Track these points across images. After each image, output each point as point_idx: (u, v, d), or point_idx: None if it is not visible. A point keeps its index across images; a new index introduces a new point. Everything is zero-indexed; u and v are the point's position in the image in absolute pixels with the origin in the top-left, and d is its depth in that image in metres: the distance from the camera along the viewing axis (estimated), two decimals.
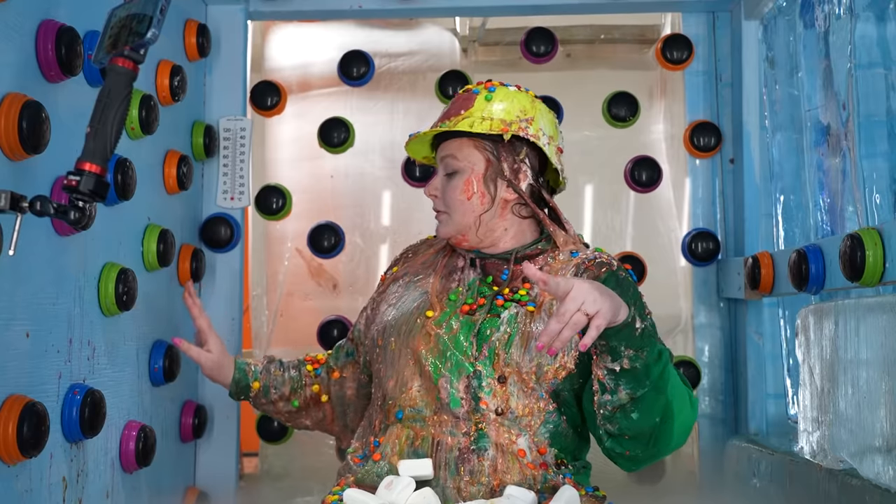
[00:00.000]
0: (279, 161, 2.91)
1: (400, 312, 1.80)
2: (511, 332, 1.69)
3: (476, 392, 1.67)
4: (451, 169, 1.79)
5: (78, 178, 1.34)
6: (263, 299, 2.85)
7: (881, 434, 1.68)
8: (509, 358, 1.68)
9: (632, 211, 2.87)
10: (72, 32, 1.59)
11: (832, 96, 2.21)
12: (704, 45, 2.69)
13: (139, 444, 1.94)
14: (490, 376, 1.68)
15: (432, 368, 1.70)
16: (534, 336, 1.67)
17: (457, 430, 1.67)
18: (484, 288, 1.77)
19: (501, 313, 1.71)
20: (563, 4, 2.62)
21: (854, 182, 2.09)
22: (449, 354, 1.70)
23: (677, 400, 1.62)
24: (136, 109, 1.92)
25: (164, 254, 2.11)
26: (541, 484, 1.65)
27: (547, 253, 1.79)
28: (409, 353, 1.73)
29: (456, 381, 1.68)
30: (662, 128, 2.88)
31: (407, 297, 1.83)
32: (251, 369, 1.98)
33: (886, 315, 1.68)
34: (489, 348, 1.69)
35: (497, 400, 1.67)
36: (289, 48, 2.93)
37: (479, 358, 1.69)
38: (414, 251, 1.96)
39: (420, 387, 1.71)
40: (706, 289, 2.67)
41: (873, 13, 2.05)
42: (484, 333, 1.70)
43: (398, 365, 1.75)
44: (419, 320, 1.75)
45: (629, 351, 1.54)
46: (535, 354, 1.67)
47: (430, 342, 1.72)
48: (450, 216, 1.79)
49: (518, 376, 1.68)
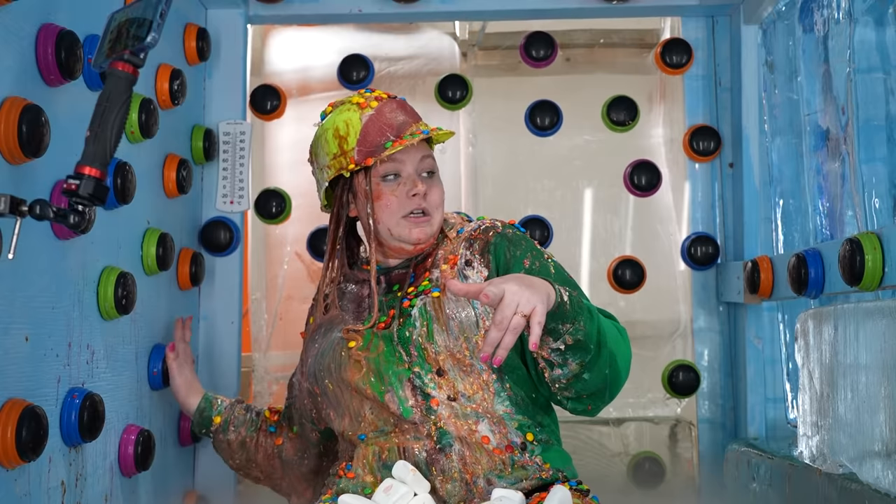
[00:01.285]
0: (279, 165, 2.92)
1: (324, 356, 1.80)
2: (427, 322, 1.71)
3: (423, 390, 1.69)
4: (431, 168, 1.80)
5: (77, 181, 1.34)
6: (263, 303, 2.85)
7: (880, 438, 1.68)
8: (437, 347, 1.70)
9: (631, 215, 2.88)
10: (72, 36, 1.59)
11: (831, 101, 2.21)
12: (704, 49, 2.70)
13: (138, 448, 1.93)
14: (429, 372, 1.70)
15: (373, 389, 1.71)
16: (450, 317, 1.70)
17: (419, 433, 1.69)
18: (391, 300, 1.78)
19: (411, 312, 1.73)
20: (562, 9, 2.62)
21: (853, 186, 2.09)
22: (384, 370, 1.71)
23: (614, 342, 1.65)
24: (136, 113, 1.93)
25: (164, 257, 2.11)
26: (510, 466, 1.68)
27: (440, 243, 1.82)
28: (346, 385, 1.75)
29: (400, 389, 1.70)
30: (662, 132, 2.89)
31: (326, 342, 1.82)
32: (217, 403, 2.03)
33: (886, 319, 1.68)
34: (416, 347, 1.70)
35: (444, 390, 1.69)
36: (288, 52, 2.93)
37: (412, 361, 1.70)
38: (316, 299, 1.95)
39: (371, 410, 1.73)
40: (705, 293, 2.67)
41: (872, 18, 2.05)
42: (404, 337, 1.71)
43: (343, 401, 1.77)
44: (343, 353, 1.75)
45: (566, 326, 1.56)
46: (457, 332, 1.70)
47: (361, 368, 1.73)
48: (434, 217, 1.79)
49: (453, 359, 1.70)
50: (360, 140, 1.75)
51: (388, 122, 1.77)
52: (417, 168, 1.78)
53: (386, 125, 1.76)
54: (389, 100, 1.81)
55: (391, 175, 1.77)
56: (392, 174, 1.77)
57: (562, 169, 2.90)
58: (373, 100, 1.80)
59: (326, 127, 1.81)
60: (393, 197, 1.76)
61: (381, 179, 1.77)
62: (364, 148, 1.75)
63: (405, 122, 1.78)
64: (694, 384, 2.61)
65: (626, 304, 2.78)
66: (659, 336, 2.87)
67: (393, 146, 1.74)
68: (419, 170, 1.78)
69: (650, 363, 2.78)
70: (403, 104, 1.82)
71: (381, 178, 1.77)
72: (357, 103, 1.79)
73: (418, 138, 1.76)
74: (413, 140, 1.75)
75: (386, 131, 1.76)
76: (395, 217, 1.76)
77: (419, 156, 1.79)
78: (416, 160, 1.78)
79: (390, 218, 1.77)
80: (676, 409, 2.87)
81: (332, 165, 1.79)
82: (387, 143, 1.75)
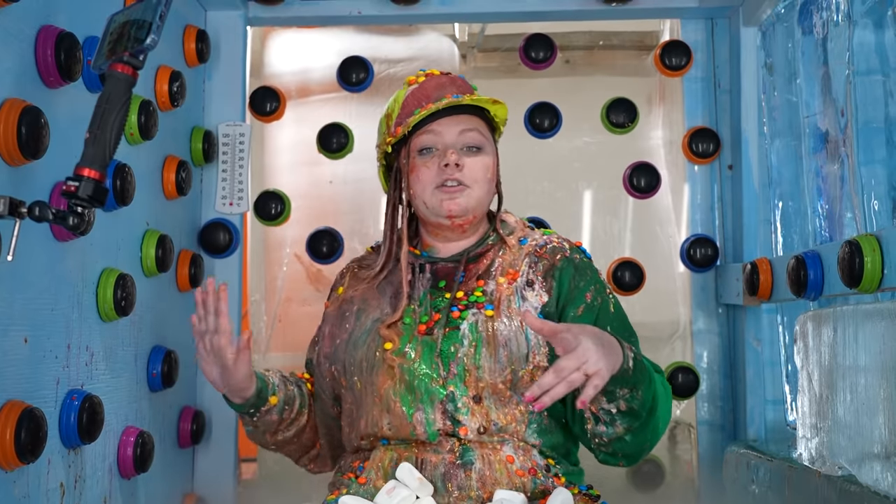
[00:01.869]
0: (278, 167, 2.92)
1: (357, 348, 1.69)
2: (476, 343, 1.61)
3: (453, 415, 1.60)
4: (474, 143, 1.70)
5: (77, 183, 1.34)
6: (262, 305, 2.85)
7: (880, 440, 1.68)
8: (481, 373, 1.60)
9: (630, 217, 2.87)
10: (71, 38, 1.59)
11: (830, 103, 2.21)
12: (703, 51, 2.70)
13: (137, 450, 1.93)
14: (464, 394, 1.60)
15: (403, 404, 1.61)
16: (501, 343, 1.61)
17: (441, 448, 1.61)
18: (438, 300, 1.68)
19: (460, 325, 1.63)
20: (562, 11, 2.63)
21: (852, 188, 2.09)
22: (416, 384, 1.61)
23: (663, 409, 1.62)
24: (136, 115, 1.93)
25: (163, 259, 2.11)
26: (531, 490, 1.60)
27: (497, 246, 1.74)
28: (374, 390, 1.64)
29: (431, 410, 1.60)
30: (661, 134, 2.89)
31: (359, 330, 1.71)
32: (270, 381, 1.74)
33: (885, 321, 1.68)
34: (457, 366, 1.61)
35: (476, 419, 1.60)
36: (288, 54, 2.93)
37: (448, 378, 1.61)
38: (359, 265, 1.85)
39: (390, 424, 1.63)
40: (705, 295, 2.67)
41: (871, 20, 2.05)
42: (448, 352, 1.62)
43: (366, 403, 1.66)
44: (378, 353, 1.65)
45: (624, 391, 1.52)
46: (505, 363, 1.61)
47: (394, 376, 1.62)
48: (471, 189, 1.68)
49: (493, 389, 1.61)
50: (399, 113, 1.71)
51: (426, 92, 1.70)
52: (457, 140, 1.68)
53: (423, 96, 1.69)
54: (442, 75, 1.74)
55: (427, 148, 1.69)
56: (427, 147, 1.69)
57: (561, 171, 2.89)
58: (423, 75, 1.74)
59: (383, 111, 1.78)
60: (425, 168, 1.68)
61: (417, 153, 1.70)
62: (399, 119, 1.70)
63: (444, 91, 1.69)
64: (693, 386, 2.61)
65: (626, 305, 2.73)
66: (658, 338, 2.87)
67: (420, 112, 1.67)
68: (459, 143, 1.68)
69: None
70: (455, 79, 1.73)
71: (418, 152, 1.69)
72: (409, 81, 1.75)
73: (444, 103, 1.66)
74: (439, 105, 1.66)
75: (422, 101, 1.69)
76: (430, 187, 1.68)
77: (459, 128, 1.69)
78: (454, 132, 1.69)
79: (424, 190, 1.68)
80: (676, 411, 2.87)
81: (381, 144, 1.75)
82: (415, 111, 1.68)
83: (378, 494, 1.59)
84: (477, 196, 1.69)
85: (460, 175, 1.67)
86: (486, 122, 1.74)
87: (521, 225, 1.79)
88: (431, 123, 1.69)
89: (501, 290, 1.66)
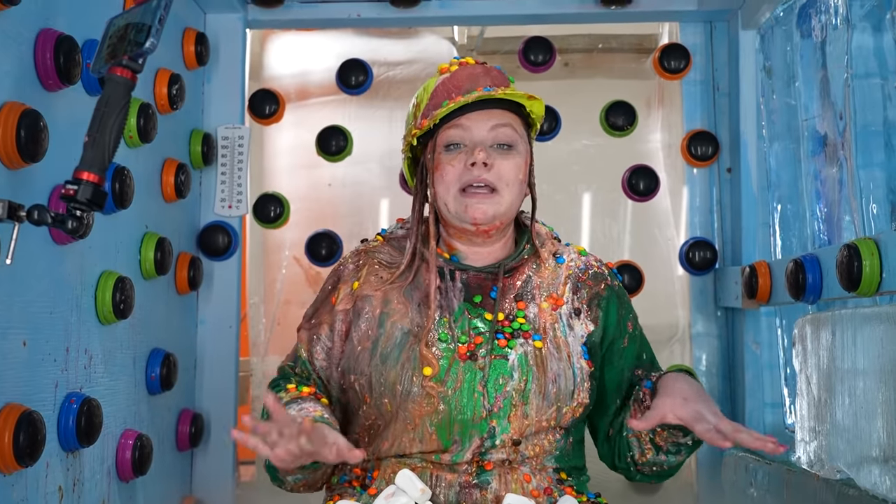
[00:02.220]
0: (277, 169, 2.92)
1: (387, 366, 1.52)
2: (527, 379, 1.51)
3: (487, 451, 1.52)
4: (506, 140, 1.54)
5: (76, 187, 1.34)
6: (261, 307, 2.85)
7: (878, 444, 1.68)
8: (528, 409, 1.51)
9: (629, 220, 2.88)
10: (70, 41, 1.59)
11: (829, 106, 2.22)
12: (702, 54, 2.70)
13: (135, 453, 1.93)
14: (505, 432, 1.51)
15: (440, 436, 1.51)
16: (551, 380, 1.52)
17: (457, 466, 1.52)
18: (476, 322, 1.55)
19: (508, 354, 1.52)
20: (561, 14, 2.63)
21: (851, 192, 2.09)
22: (456, 417, 1.49)
23: None
24: (135, 118, 1.93)
25: (162, 262, 2.11)
26: None
27: (530, 260, 1.63)
28: (407, 417, 1.51)
29: (468, 443, 1.51)
30: (660, 137, 2.89)
31: (388, 342, 1.55)
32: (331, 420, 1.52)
33: (883, 325, 1.68)
34: (504, 399, 1.50)
35: (506, 453, 1.53)
36: (287, 56, 2.93)
37: (493, 411, 1.50)
38: (378, 260, 1.65)
39: (421, 450, 1.53)
40: (704, 298, 2.67)
41: (870, 24, 2.06)
42: (496, 382, 1.50)
43: (394, 428, 1.54)
44: (415, 378, 1.50)
45: None
46: (553, 399, 1.52)
47: (433, 405, 1.50)
48: (500, 195, 1.53)
49: (537, 427, 1.53)
50: (427, 104, 1.55)
51: (458, 83, 1.54)
52: (487, 137, 1.53)
53: (454, 86, 1.54)
54: (477, 64, 1.58)
55: (454, 144, 1.54)
56: (454, 143, 1.54)
57: (560, 173, 2.89)
58: (456, 63, 1.59)
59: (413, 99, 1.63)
60: (450, 167, 1.53)
61: (443, 149, 1.54)
62: (427, 111, 1.55)
63: (476, 83, 1.54)
64: None
65: None
66: (657, 341, 2.85)
67: (448, 106, 1.52)
68: (490, 139, 1.53)
69: None
70: (490, 69, 1.58)
71: (444, 148, 1.54)
72: (441, 69, 1.60)
73: (475, 96, 1.51)
74: (469, 98, 1.51)
75: (451, 92, 1.54)
76: (452, 190, 1.53)
77: (490, 123, 1.54)
78: (484, 128, 1.53)
79: (447, 191, 1.54)
80: None
81: (407, 135, 1.60)
82: (443, 103, 1.53)
83: (377, 499, 1.57)
84: (507, 201, 1.54)
85: (488, 176, 1.52)
86: (521, 118, 1.59)
87: (549, 235, 1.68)
88: (460, 117, 1.54)
89: (545, 316, 1.57)
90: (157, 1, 1.36)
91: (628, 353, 1.64)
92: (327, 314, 1.64)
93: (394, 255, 1.64)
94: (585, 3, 2.59)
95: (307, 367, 1.64)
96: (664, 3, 2.60)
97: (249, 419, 1.30)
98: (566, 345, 1.56)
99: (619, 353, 1.63)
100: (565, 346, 1.56)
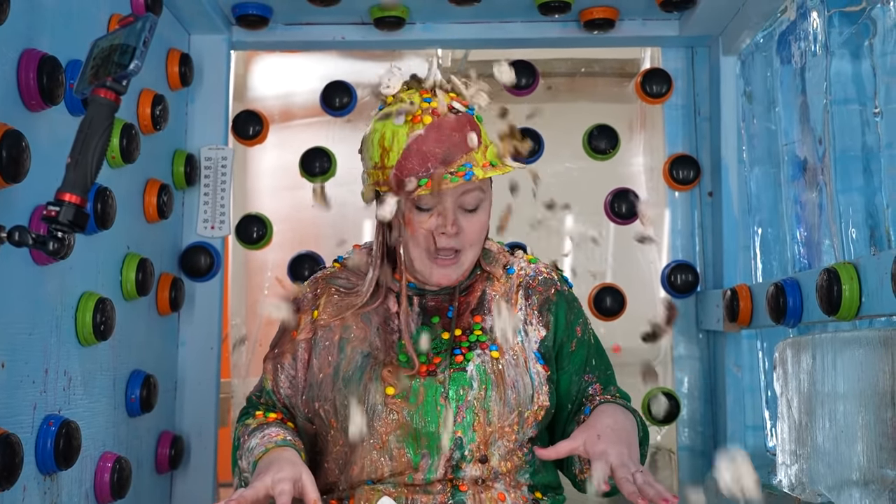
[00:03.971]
0: (260, 190, 2.92)
1: (350, 389, 1.59)
2: (486, 386, 1.58)
3: (458, 463, 1.58)
4: (475, 204, 1.59)
5: (57, 208, 1.33)
6: (242, 329, 2.84)
7: (858, 468, 1.69)
8: (490, 416, 1.58)
9: (612, 242, 2.89)
10: (54, 62, 1.59)
11: (808, 131, 2.24)
12: (683, 79, 2.72)
13: (114, 476, 1.91)
14: (472, 441, 1.58)
15: (409, 451, 1.57)
16: (509, 385, 1.59)
17: (432, 489, 1.58)
18: (435, 343, 1.62)
19: (466, 367, 1.59)
20: (544, 38, 2.65)
21: (830, 216, 2.11)
22: (423, 431, 1.56)
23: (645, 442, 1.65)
24: (118, 138, 1.92)
25: (143, 283, 2.10)
26: None
27: (483, 275, 1.69)
28: (375, 437, 1.58)
29: (437, 457, 1.57)
30: (642, 160, 2.91)
31: (349, 365, 1.61)
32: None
33: (863, 349, 1.69)
34: (467, 409, 1.57)
35: (478, 468, 1.59)
36: (271, 78, 2.94)
37: (457, 422, 1.57)
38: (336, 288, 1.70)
39: (392, 470, 1.59)
40: (685, 320, 2.68)
41: (848, 50, 2.09)
42: (457, 394, 1.58)
43: (362, 450, 1.59)
44: (378, 397, 1.57)
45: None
46: (514, 405, 1.59)
47: (398, 421, 1.57)
48: (463, 256, 1.61)
49: (500, 433, 1.59)
50: (400, 163, 1.55)
51: (432, 150, 1.54)
52: (457, 202, 1.57)
53: (430, 154, 1.54)
54: (445, 118, 1.56)
55: (425, 206, 1.58)
56: (427, 206, 1.57)
57: (543, 195, 2.90)
58: (428, 114, 1.56)
59: (377, 128, 1.60)
60: (421, 230, 1.58)
61: (414, 207, 1.58)
62: (400, 174, 1.55)
63: (452, 154, 1.55)
64: (674, 412, 2.61)
65: (607, 331, 2.78)
66: (640, 363, 2.87)
67: (427, 185, 1.53)
68: (459, 203, 1.58)
69: (630, 390, 2.77)
70: (461, 125, 1.57)
71: (415, 207, 1.58)
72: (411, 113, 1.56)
73: (457, 183, 1.53)
74: (448, 186, 1.53)
75: (427, 160, 1.54)
76: (420, 252, 1.60)
77: (461, 189, 1.56)
78: (456, 193, 1.56)
79: (415, 250, 1.60)
80: (657, 437, 2.87)
81: (372, 175, 1.61)
82: (421, 181, 1.54)
83: None
84: (470, 259, 1.62)
85: (455, 242, 1.58)
86: None
87: (499, 249, 1.75)
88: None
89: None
90: (142, 23, 1.36)
91: (576, 357, 1.69)
92: (289, 343, 1.70)
93: (352, 281, 1.71)
94: (568, 27, 2.61)
95: (272, 398, 1.73)
96: (646, 29, 2.63)
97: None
98: (522, 350, 1.63)
99: (568, 356, 1.69)
100: (521, 352, 1.63)
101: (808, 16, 2.21)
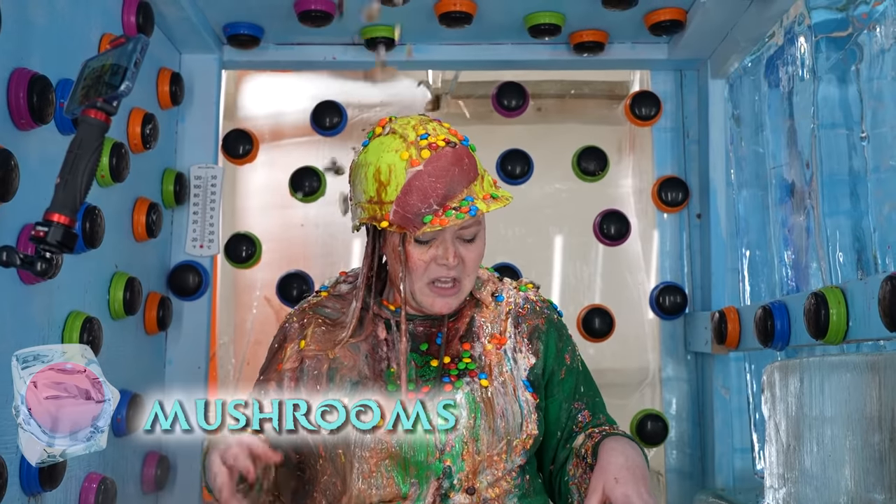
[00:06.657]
0: (250, 209, 2.92)
1: None
2: (475, 415, 1.58)
3: (447, 492, 1.57)
4: (473, 235, 1.59)
5: (46, 228, 1.32)
6: (230, 347, 2.83)
7: (846, 492, 1.69)
8: (479, 445, 1.58)
9: (600, 264, 2.90)
10: (44, 81, 1.59)
11: (796, 155, 2.26)
12: (672, 102, 2.74)
13: (99, 497, 1.89)
14: (461, 470, 1.57)
15: (398, 480, 1.57)
16: (499, 414, 1.59)
17: None
18: (424, 370, 1.61)
19: (455, 395, 1.58)
20: (534, 60, 2.66)
21: (818, 239, 2.12)
22: (412, 459, 1.56)
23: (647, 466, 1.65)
24: (107, 157, 1.91)
25: (131, 302, 2.09)
26: None
27: (472, 302, 1.68)
28: (364, 466, 1.58)
29: (425, 486, 1.57)
30: (631, 182, 2.93)
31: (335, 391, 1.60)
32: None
33: (850, 373, 1.70)
34: (456, 437, 1.57)
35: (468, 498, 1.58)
36: (262, 97, 2.95)
37: (445, 451, 1.56)
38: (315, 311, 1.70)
39: (381, 498, 1.57)
40: (674, 342, 2.68)
41: (835, 76, 2.11)
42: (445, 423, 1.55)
43: (351, 478, 1.58)
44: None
45: None
46: (503, 433, 1.59)
47: (386, 450, 1.56)
48: (462, 285, 1.61)
49: (489, 462, 1.59)
50: (400, 199, 1.52)
51: (433, 187, 1.52)
52: (457, 234, 1.57)
53: (431, 191, 1.52)
54: (443, 151, 1.54)
55: (425, 239, 1.56)
56: (426, 239, 1.56)
57: (532, 217, 2.92)
58: (425, 148, 1.54)
59: (370, 160, 1.56)
60: (421, 261, 1.57)
61: (414, 240, 1.56)
62: (401, 210, 1.52)
63: (453, 188, 1.53)
64: (662, 433, 2.61)
65: (596, 352, 2.79)
66: (628, 384, 2.88)
67: (432, 223, 1.52)
68: (459, 235, 1.58)
69: (619, 412, 2.77)
70: (459, 158, 1.55)
71: (415, 241, 1.56)
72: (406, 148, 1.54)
73: (463, 220, 1.52)
74: (455, 222, 1.52)
75: (430, 197, 1.52)
76: (420, 282, 1.58)
77: (461, 222, 1.55)
78: (455, 226, 1.56)
79: (415, 281, 1.58)
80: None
81: (367, 209, 1.57)
82: (426, 218, 1.52)
83: None
84: (468, 286, 1.62)
85: (454, 272, 1.59)
86: None
87: (488, 275, 1.74)
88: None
89: (490, 355, 1.63)
90: (133, 44, 1.36)
91: (566, 385, 1.69)
92: (275, 372, 1.68)
93: (338, 310, 1.69)
94: (558, 49, 2.63)
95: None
96: (635, 52, 2.65)
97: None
98: (512, 379, 1.63)
99: (558, 384, 1.68)
100: (511, 380, 1.63)
101: (796, 41, 2.23)
